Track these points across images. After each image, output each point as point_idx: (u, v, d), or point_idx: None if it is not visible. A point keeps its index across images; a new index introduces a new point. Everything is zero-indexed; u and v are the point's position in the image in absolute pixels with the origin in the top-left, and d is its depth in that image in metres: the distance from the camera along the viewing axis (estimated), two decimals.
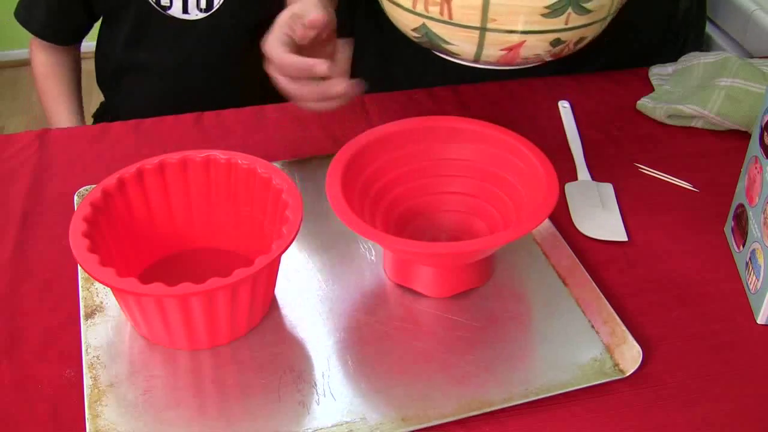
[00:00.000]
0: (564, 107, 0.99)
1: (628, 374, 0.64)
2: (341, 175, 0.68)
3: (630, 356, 0.65)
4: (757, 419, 0.62)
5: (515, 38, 0.67)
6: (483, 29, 0.67)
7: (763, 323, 0.70)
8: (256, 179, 0.70)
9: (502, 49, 0.68)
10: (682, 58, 1.03)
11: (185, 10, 1.04)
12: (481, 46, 0.68)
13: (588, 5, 0.67)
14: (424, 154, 0.75)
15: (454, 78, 1.04)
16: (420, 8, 0.68)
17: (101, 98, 1.28)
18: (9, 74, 1.10)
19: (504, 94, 1.02)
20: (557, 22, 0.67)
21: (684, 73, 1.00)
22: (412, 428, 0.60)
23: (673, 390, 0.64)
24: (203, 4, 1.04)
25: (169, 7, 1.04)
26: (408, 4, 0.69)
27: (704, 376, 0.65)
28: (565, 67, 1.04)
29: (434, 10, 0.67)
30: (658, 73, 1.04)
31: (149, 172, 0.70)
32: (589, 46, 0.92)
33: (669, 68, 1.04)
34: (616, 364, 0.65)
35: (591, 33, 0.71)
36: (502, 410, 0.61)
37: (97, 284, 0.71)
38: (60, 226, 0.76)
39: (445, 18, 0.67)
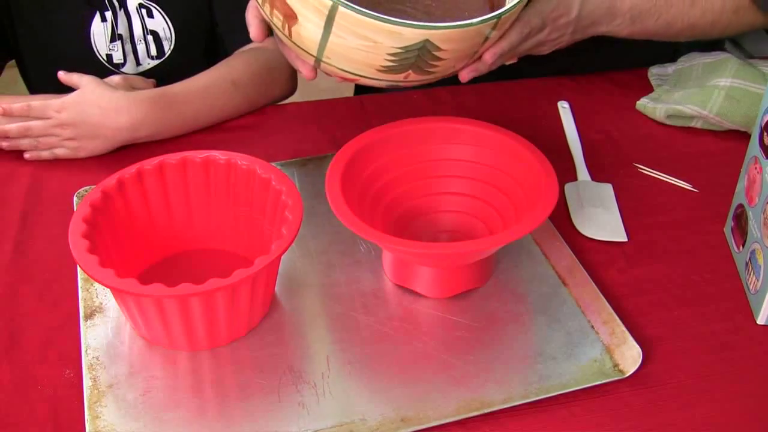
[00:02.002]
0: (563, 107, 0.99)
1: (627, 374, 0.64)
2: (341, 176, 0.68)
3: (630, 356, 0.65)
4: (756, 419, 0.62)
5: (349, 75, 0.67)
6: (318, 60, 0.67)
7: (762, 323, 0.70)
8: (256, 180, 0.70)
9: (337, 76, 0.69)
10: (682, 58, 1.03)
11: (138, 63, 1.04)
12: (318, 68, 0.69)
13: (431, 69, 0.66)
14: (423, 154, 0.75)
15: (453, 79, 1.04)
16: (266, 10, 0.67)
17: None
18: (8, 74, 1.09)
19: (503, 94, 1.02)
20: (394, 77, 0.66)
21: (683, 73, 1.00)
22: (411, 429, 0.60)
23: (673, 390, 0.64)
24: (154, 52, 1.04)
25: (123, 65, 1.03)
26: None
27: (704, 376, 0.65)
28: (566, 69, 1.04)
29: (277, 23, 0.66)
30: (657, 73, 1.04)
31: (149, 173, 0.70)
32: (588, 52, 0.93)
33: (669, 68, 1.04)
34: (616, 365, 0.65)
35: (432, 81, 0.70)
36: (502, 411, 0.61)
37: (97, 285, 0.71)
38: (59, 226, 0.76)
39: (286, 34, 0.66)
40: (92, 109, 0.88)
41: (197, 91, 0.93)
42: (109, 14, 1.00)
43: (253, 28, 0.74)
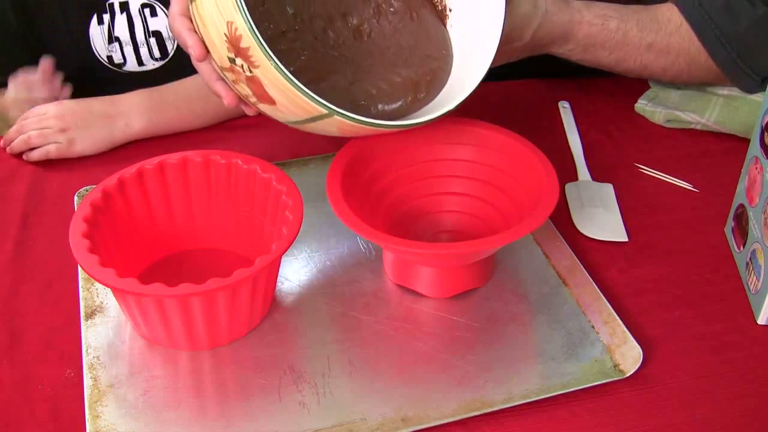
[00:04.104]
0: (564, 108, 0.99)
1: (628, 374, 0.64)
2: (341, 176, 0.68)
3: (630, 356, 0.65)
4: (757, 419, 0.62)
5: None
6: (279, 121, 0.67)
7: (763, 323, 0.70)
8: (257, 180, 0.70)
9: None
10: None
11: (140, 63, 1.03)
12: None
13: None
14: (424, 154, 0.74)
15: None
16: (228, 77, 0.65)
17: None
18: None
19: (504, 94, 1.02)
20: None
21: None
22: (412, 428, 0.60)
23: (674, 390, 0.64)
24: (157, 54, 1.03)
25: (124, 64, 1.03)
26: (224, 66, 0.64)
27: (704, 376, 0.65)
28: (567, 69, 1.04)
29: (241, 91, 0.65)
30: None
31: (149, 173, 0.70)
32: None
33: None
34: (617, 365, 0.65)
35: None
36: (503, 410, 0.61)
37: (98, 285, 0.71)
38: (60, 226, 0.76)
39: (253, 102, 0.65)
40: (84, 100, 0.90)
41: (193, 88, 0.93)
42: (106, 17, 0.99)
43: (197, 47, 0.65)
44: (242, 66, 0.61)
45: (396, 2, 0.75)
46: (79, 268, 0.72)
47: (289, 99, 0.61)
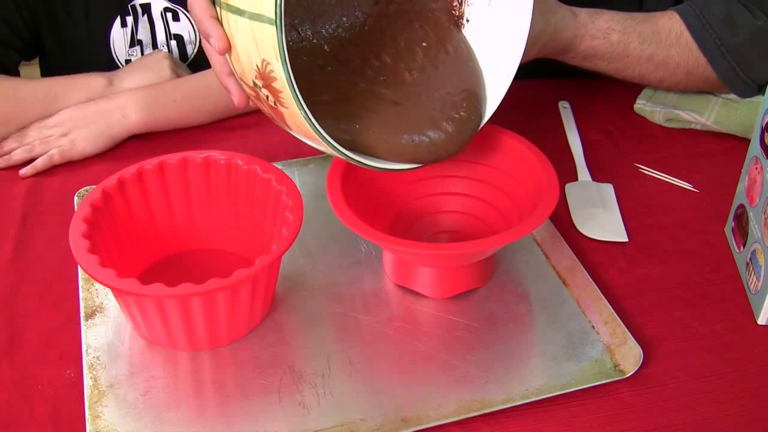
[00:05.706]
0: (564, 108, 0.99)
1: (628, 375, 0.64)
2: (341, 176, 0.68)
3: (630, 357, 0.65)
4: (757, 419, 0.62)
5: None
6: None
7: (763, 324, 0.70)
8: (257, 180, 0.70)
9: None
10: None
11: None
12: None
13: None
14: None
15: None
16: (246, 88, 0.62)
17: None
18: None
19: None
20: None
21: None
22: (412, 429, 0.59)
23: (674, 391, 0.64)
24: (176, 57, 1.03)
25: None
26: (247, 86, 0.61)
27: (705, 376, 0.65)
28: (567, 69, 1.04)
29: (263, 108, 0.63)
30: None
31: (149, 173, 0.70)
32: None
33: None
34: (617, 365, 0.65)
35: None
36: (502, 411, 0.61)
37: (98, 285, 0.71)
38: (60, 226, 0.76)
39: (262, 108, 0.64)
40: (84, 104, 0.90)
41: (192, 84, 0.93)
42: (129, 19, 1.00)
43: (221, 41, 0.58)
44: (267, 97, 0.57)
45: (424, 33, 0.73)
46: (79, 268, 0.72)
47: (308, 137, 0.61)
